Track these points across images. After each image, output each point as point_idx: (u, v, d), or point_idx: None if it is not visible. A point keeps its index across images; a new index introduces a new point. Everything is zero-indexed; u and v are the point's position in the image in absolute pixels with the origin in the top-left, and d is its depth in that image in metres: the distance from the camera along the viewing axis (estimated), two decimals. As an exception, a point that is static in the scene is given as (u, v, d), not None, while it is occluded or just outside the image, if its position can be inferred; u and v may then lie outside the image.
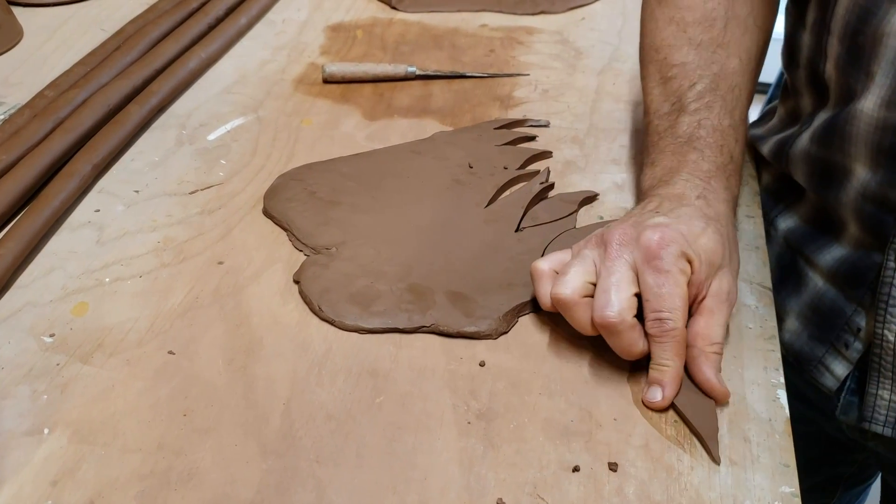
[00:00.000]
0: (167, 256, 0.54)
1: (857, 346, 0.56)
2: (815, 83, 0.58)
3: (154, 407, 0.44)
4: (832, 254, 0.58)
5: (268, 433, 0.43)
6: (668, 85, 0.57)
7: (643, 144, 0.58)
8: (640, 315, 0.45)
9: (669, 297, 0.44)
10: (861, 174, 0.53)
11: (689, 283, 0.45)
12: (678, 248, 0.45)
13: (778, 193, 0.64)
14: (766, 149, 0.64)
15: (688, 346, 0.46)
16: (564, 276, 0.46)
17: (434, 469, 0.42)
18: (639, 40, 0.63)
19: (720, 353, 0.46)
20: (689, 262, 0.45)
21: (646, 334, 0.45)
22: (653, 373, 0.45)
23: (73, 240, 0.56)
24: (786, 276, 0.62)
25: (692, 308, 0.47)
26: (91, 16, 0.83)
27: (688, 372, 0.46)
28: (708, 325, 0.46)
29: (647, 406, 0.45)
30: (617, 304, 0.44)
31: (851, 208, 0.55)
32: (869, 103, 0.51)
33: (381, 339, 0.49)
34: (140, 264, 0.54)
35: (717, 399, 0.45)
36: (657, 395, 0.45)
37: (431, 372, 0.47)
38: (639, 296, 0.45)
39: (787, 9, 0.62)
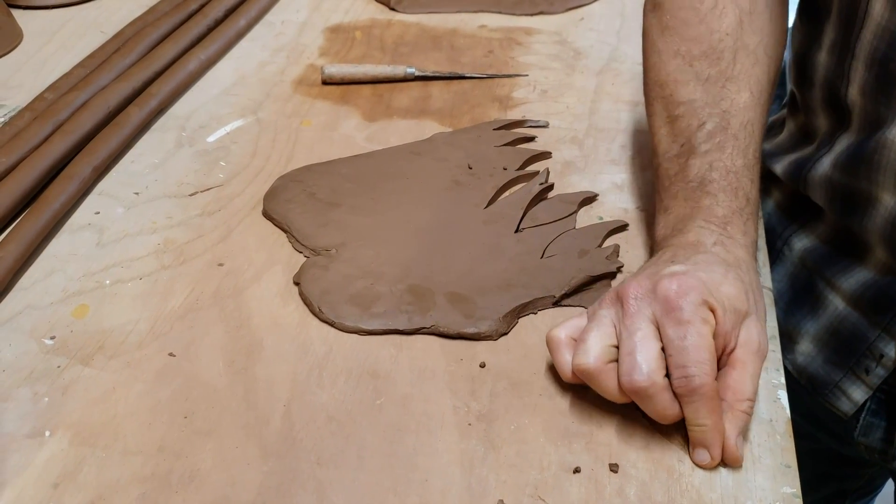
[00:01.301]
0: (167, 258, 0.54)
1: (879, 371, 0.55)
2: (833, 105, 0.56)
3: (155, 409, 0.44)
4: (855, 277, 0.56)
5: (268, 435, 0.43)
6: (675, 125, 0.53)
7: (653, 188, 0.55)
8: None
9: (694, 350, 0.40)
10: (889, 202, 0.52)
11: (715, 334, 0.42)
12: (698, 296, 0.42)
13: (792, 212, 0.62)
14: (779, 168, 0.62)
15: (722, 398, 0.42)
16: (584, 343, 0.43)
17: (435, 470, 0.42)
18: (642, 73, 0.59)
19: (749, 413, 0.42)
20: (712, 310, 0.42)
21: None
22: (693, 435, 0.42)
23: (73, 242, 0.56)
24: (801, 297, 0.61)
25: (720, 360, 0.43)
26: (90, 18, 0.83)
27: None
28: (740, 378, 0.42)
29: (699, 466, 0.42)
30: (645, 366, 0.41)
31: (879, 235, 0.53)
32: None
33: (381, 340, 0.49)
34: (140, 266, 0.54)
35: (727, 462, 0.42)
36: (705, 458, 0.42)
37: (432, 373, 0.47)
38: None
39: (796, 24, 0.60)
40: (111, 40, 0.76)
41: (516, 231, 0.57)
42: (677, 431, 0.44)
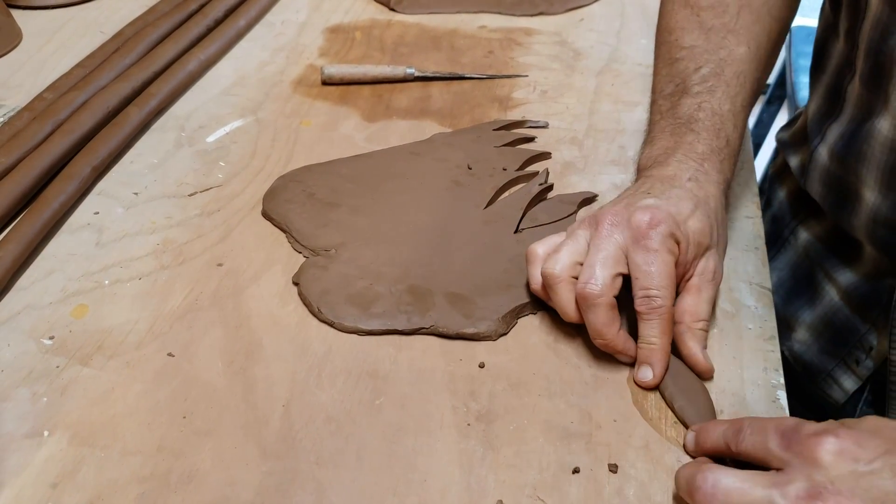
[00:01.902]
0: (166, 258, 0.54)
1: (868, 363, 0.56)
2: (834, 92, 0.58)
3: (154, 409, 0.44)
4: (848, 273, 0.58)
5: (267, 435, 0.43)
6: (674, 66, 0.57)
7: (647, 123, 0.59)
8: (624, 306, 0.46)
9: (658, 276, 0.45)
10: (870, 199, 0.53)
11: (677, 263, 0.46)
12: (667, 229, 0.46)
13: (799, 204, 0.65)
14: (792, 162, 0.64)
15: (676, 323, 0.47)
16: (556, 254, 0.47)
17: (434, 471, 0.42)
18: (656, 22, 0.63)
19: (706, 330, 0.47)
20: (678, 242, 0.46)
21: (630, 319, 0.46)
22: (641, 351, 0.46)
23: (72, 242, 0.56)
24: (801, 286, 0.62)
25: (679, 287, 0.48)
26: (90, 18, 0.83)
27: (675, 350, 0.47)
28: (695, 302, 0.47)
29: (640, 385, 0.46)
30: (600, 278, 0.45)
31: (864, 232, 0.55)
32: (885, 123, 0.51)
33: (380, 340, 0.49)
34: (139, 266, 0.54)
35: (701, 374, 0.46)
36: (648, 374, 0.46)
37: (431, 373, 0.47)
38: (626, 278, 0.46)
39: (822, 10, 0.61)
40: (111, 40, 0.76)
41: (516, 231, 0.57)
42: (677, 432, 0.44)
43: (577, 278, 0.46)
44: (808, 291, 0.61)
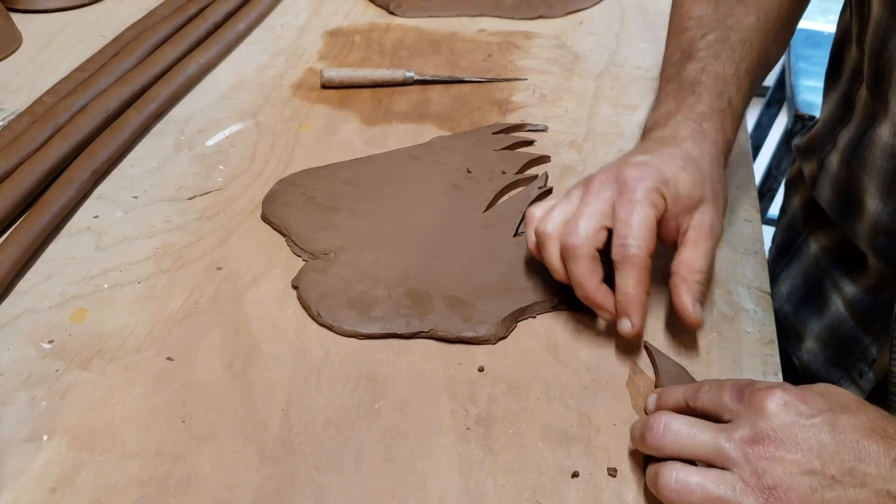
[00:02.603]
0: (166, 262, 0.54)
1: (871, 376, 0.56)
2: (846, 99, 0.58)
3: (153, 413, 0.44)
4: (854, 283, 0.58)
5: (266, 439, 0.43)
6: (683, 35, 0.59)
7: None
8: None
9: (636, 226, 0.45)
10: (872, 206, 0.53)
11: (665, 218, 0.47)
12: (651, 183, 0.46)
13: (811, 213, 0.65)
14: (806, 170, 0.65)
15: (671, 275, 0.47)
16: (550, 213, 0.49)
17: (433, 475, 0.42)
18: None
19: (702, 283, 0.47)
20: (663, 196, 0.47)
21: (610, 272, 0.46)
22: (618, 303, 0.46)
23: (71, 246, 0.56)
24: (811, 296, 0.62)
25: (677, 242, 0.48)
26: (90, 22, 0.83)
27: (671, 304, 0.47)
28: (691, 254, 0.47)
29: (621, 333, 0.46)
30: (583, 229, 0.46)
31: (866, 241, 0.55)
32: (886, 129, 0.51)
33: (379, 344, 0.49)
34: (139, 270, 0.54)
35: (687, 325, 0.47)
36: (626, 326, 0.46)
37: (430, 377, 0.47)
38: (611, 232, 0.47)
39: (842, 16, 0.61)
40: (110, 44, 0.76)
41: (515, 235, 0.57)
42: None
43: None
44: (817, 301, 0.61)
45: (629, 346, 0.49)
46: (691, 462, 0.39)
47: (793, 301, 0.65)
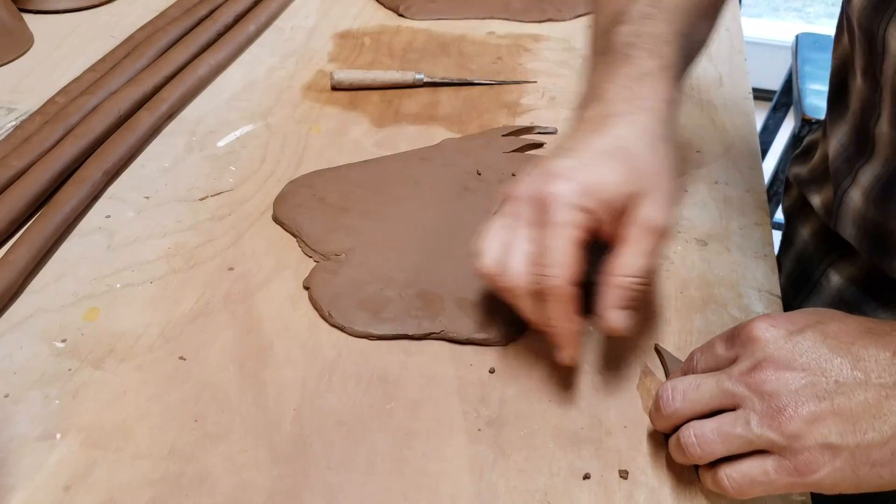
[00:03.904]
0: (178, 262, 0.54)
1: None
2: (861, 133, 0.55)
3: (165, 412, 0.45)
4: (889, 315, 0.56)
5: (278, 439, 0.43)
6: (610, 5, 0.54)
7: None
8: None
9: (553, 251, 0.42)
10: None
11: (599, 229, 0.43)
12: (569, 198, 0.42)
13: (828, 244, 0.62)
14: (815, 201, 0.62)
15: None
16: (485, 247, 0.45)
17: (445, 476, 0.42)
18: None
19: (631, 287, 0.42)
20: (587, 209, 0.43)
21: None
22: (550, 336, 0.44)
23: (84, 245, 0.56)
24: None
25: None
26: (101, 23, 0.83)
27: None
28: (620, 255, 0.43)
29: (561, 364, 0.45)
30: (515, 269, 0.43)
31: None
32: None
33: (390, 345, 0.49)
34: (151, 270, 0.54)
35: (605, 332, 0.43)
36: (561, 357, 0.45)
37: (441, 379, 0.47)
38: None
39: (839, 41, 0.59)
40: (122, 45, 0.77)
41: (525, 237, 0.57)
42: (687, 438, 0.44)
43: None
44: None
45: (640, 349, 0.49)
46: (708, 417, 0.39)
47: None
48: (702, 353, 0.43)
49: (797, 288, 0.66)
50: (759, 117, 0.96)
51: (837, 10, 0.61)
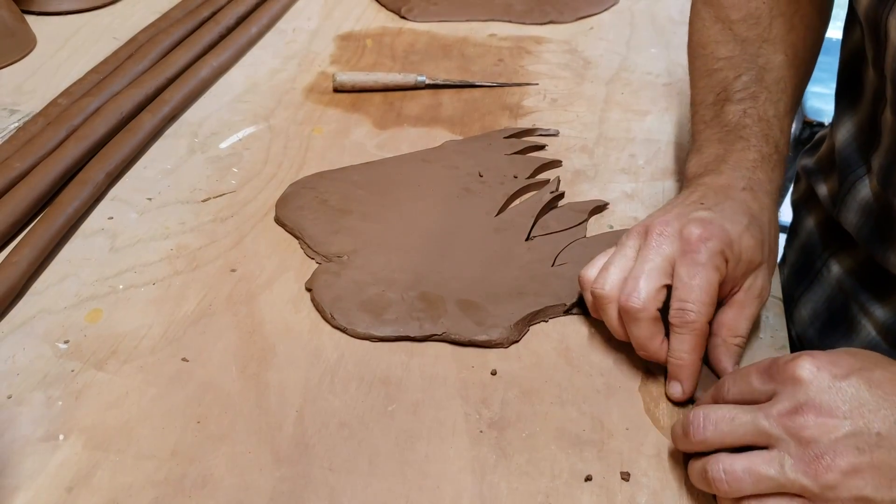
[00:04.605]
0: (180, 264, 0.55)
1: None
2: (872, 123, 0.56)
3: (168, 414, 0.45)
4: (885, 307, 0.57)
5: (281, 440, 0.43)
6: (713, 77, 0.57)
7: (689, 135, 0.59)
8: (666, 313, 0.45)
9: (698, 290, 0.44)
10: None
11: (724, 281, 0.45)
12: (717, 245, 0.45)
13: (831, 235, 0.63)
14: (820, 191, 0.63)
15: (711, 336, 0.46)
16: (606, 271, 0.46)
17: (446, 477, 0.42)
18: (687, 39, 0.63)
19: (742, 347, 0.46)
20: (726, 260, 0.45)
21: (668, 330, 0.45)
22: (670, 366, 0.45)
23: (86, 247, 0.56)
24: (837, 319, 0.61)
25: (724, 301, 0.47)
26: (103, 24, 0.83)
27: (708, 363, 0.46)
28: (735, 317, 0.46)
29: (670, 400, 0.45)
30: (644, 291, 0.44)
31: None
32: None
33: (392, 347, 0.49)
34: (153, 271, 0.54)
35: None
36: (676, 390, 0.45)
37: (443, 380, 0.47)
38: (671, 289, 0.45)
39: (849, 33, 0.60)
40: (124, 46, 0.77)
41: (527, 239, 0.57)
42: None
43: None
44: (844, 325, 0.60)
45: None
46: (737, 450, 0.38)
47: (816, 325, 0.63)
48: (734, 382, 0.41)
49: (799, 277, 0.66)
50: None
51: (839, 13, 0.61)
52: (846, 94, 0.60)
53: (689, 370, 0.45)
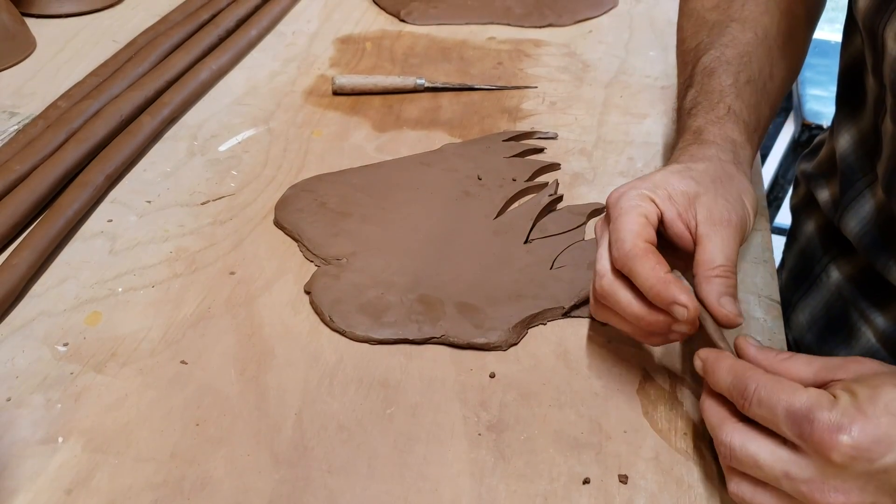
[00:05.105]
0: (179, 266, 0.55)
1: None
2: (873, 130, 0.56)
3: (167, 416, 0.45)
4: (885, 314, 0.57)
5: (280, 443, 0.43)
6: (685, 70, 0.59)
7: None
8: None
9: (623, 229, 0.43)
10: None
11: (666, 223, 0.45)
12: (634, 192, 0.45)
13: (831, 241, 0.63)
14: (820, 197, 0.63)
15: (694, 282, 0.43)
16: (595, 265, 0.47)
17: (445, 480, 0.42)
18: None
19: (724, 276, 0.42)
20: (653, 200, 0.44)
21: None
22: (654, 300, 0.43)
23: (86, 249, 0.56)
24: (836, 325, 0.61)
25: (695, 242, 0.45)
26: (103, 27, 0.83)
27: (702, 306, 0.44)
28: (703, 251, 0.43)
29: (687, 320, 0.42)
30: (628, 240, 0.43)
31: None
32: None
33: (391, 349, 0.49)
34: (152, 274, 0.54)
35: (719, 322, 0.42)
36: (681, 313, 0.42)
37: (441, 383, 0.47)
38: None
39: (849, 39, 0.60)
40: (124, 49, 0.77)
41: (525, 242, 0.57)
42: (687, 444, 0.44)
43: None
44: (844, 331, 0.60)
45: (640, 354, 0.49)
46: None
47: (814, 331, 0.63)
48: (759, 405, 0.37)
49: (797, 282, 0.66)
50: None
51: (838, 15, 0.62)
52: (847, 100, 0.60)
53: (665, 287, 0.41)
